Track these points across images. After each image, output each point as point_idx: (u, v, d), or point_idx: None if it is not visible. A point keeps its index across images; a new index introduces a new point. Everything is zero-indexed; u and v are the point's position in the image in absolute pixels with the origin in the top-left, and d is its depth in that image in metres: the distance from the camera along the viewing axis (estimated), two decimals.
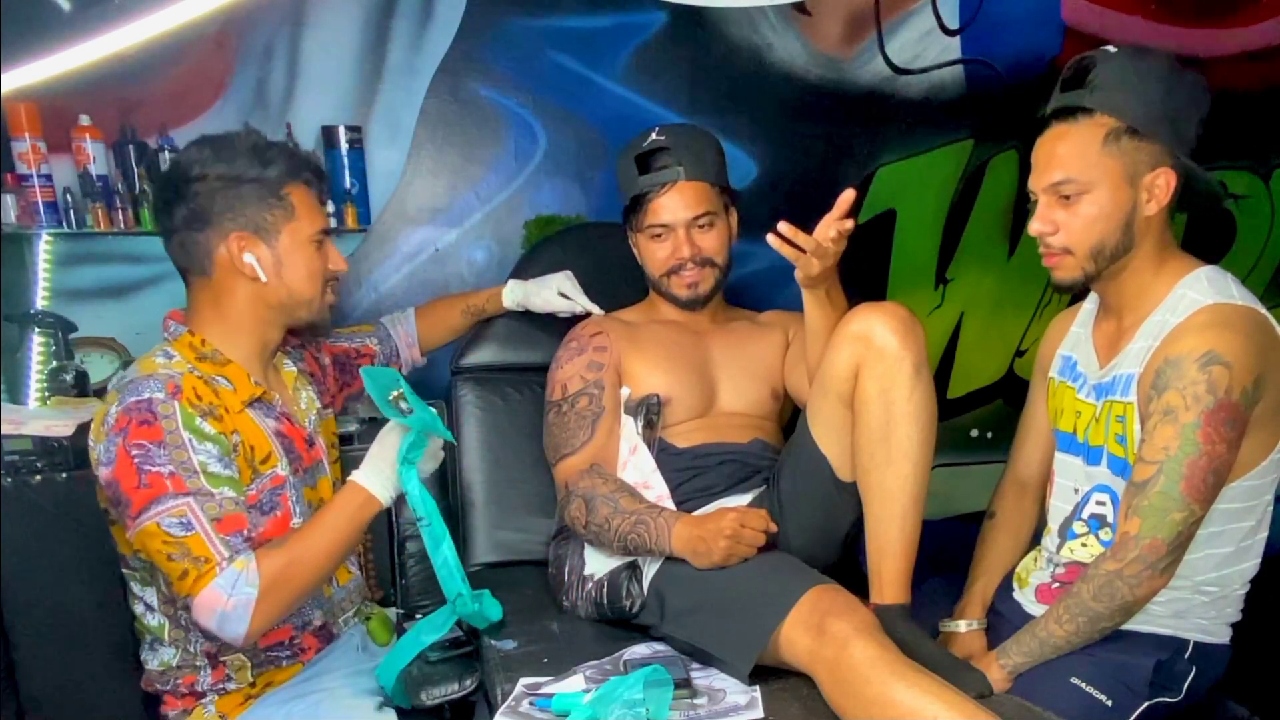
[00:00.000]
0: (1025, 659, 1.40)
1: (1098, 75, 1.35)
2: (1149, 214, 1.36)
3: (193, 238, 1.36)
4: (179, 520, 1.26)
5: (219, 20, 2.05)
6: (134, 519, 1.27)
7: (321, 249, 1.44)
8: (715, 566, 1.50)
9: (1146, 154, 1.34)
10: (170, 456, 1.27)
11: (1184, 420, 1.28)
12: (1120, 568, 1.31)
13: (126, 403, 1.28)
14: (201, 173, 1.34)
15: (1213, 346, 1.28)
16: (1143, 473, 1.32)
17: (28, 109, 1.90)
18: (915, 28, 2.57)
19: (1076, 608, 1.36)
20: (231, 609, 1.26)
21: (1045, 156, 1.39)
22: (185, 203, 1.35)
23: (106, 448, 1.28)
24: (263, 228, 1.37)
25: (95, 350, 2.07)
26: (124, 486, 1.27)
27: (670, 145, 1.75)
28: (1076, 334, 1.57)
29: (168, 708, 1.44)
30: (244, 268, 1.37)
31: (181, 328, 1.41)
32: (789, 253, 1.46)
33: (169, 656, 1.42)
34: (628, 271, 1.92)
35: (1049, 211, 1.39)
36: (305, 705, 1.41)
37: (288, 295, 1.41)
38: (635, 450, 1.72)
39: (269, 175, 1.36)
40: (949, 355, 2.82)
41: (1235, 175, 2.88)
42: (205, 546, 1.26)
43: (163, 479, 1.26)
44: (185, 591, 1.27)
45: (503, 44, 2.28)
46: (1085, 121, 1.35)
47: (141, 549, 1.31)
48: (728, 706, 1.38)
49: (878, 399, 1.48)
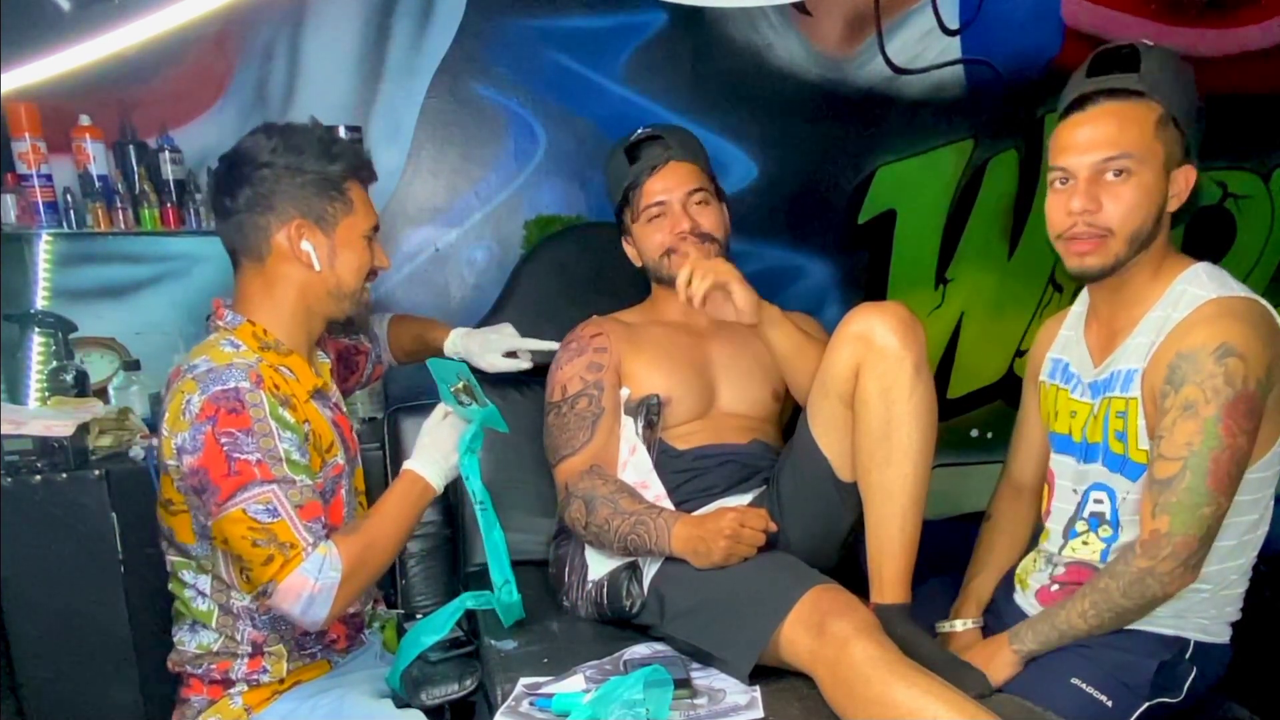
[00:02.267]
0: (1039, 647, 1.40)
1: (1145, 62, 1.35)
2: (1170, 209, 1.37)
3: (254, 221, 1.39)
4: (265, 507, 1.29)
5: (219, 20, 2.05)
6: (220, 505, 1.29)
7: (370, 246, 1.48)
8: (715, 566, 1.50)
9: (1179, 148, 1.36)
10: (258, 444, 1.30)
11: (1205, 414, 1.28)
12: (1153, 565, 1.31)
13: (211, 391, 1.30)
14: (270, 159, 1.37)
15: (1226, 338, 1.28)
16: (1166, 470, 1.31)
17: (28, 109, 1.91)
18: (915, 28, 2.57)
19: (1104, 603, 1.35)
20: (318, 592, 1.30)
21: (1094, 133, 1.36)
22: (250, 186, 1.37)
23: (192, 436, 1.29)
24: (322, 218, 1.41)
25: (95, 350, 2.08)
26: (212, 474, 1.29)
27: (659, 134, 1.81)
28: (1066, 337, 1.57)
29: (191, 691, 1.45)
30: (300, 254, 1.40)
31: (240, 317, 1.42)
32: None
33: (210, 640, 1.43)
34: (628, 271, 1.92)
35: (1093, 189, 1.35)
36: (330, 700, 1.43)
37: (336, 285, 1.45)
38: (635, 451, 1.72)
39: (333, 170, 1.41)
40: (949, 355, 2.82)
41: (1235, 175, 2.88)
42: (291, 532, 1.30)
43: (251, 466, 1.29)
44: (269, 577, 1.30)
45: (503, 44, 2.29)
46: (1138, 103, 1.35)
47: (221, 536, 1.32)
48: (728, 706, 1.38)
49: (878, 399, 1.48)
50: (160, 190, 2.01)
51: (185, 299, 2.17)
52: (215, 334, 1.41)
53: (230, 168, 1.41)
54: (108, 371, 2.07)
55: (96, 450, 1.80)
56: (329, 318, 1.50)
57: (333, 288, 1.45)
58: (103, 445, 1.81)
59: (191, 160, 2.07)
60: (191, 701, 1.45)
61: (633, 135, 1.82)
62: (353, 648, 1.57)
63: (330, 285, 1.44)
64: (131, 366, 2.03)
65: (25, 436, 1.70)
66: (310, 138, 1.40)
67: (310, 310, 1.46)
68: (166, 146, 2.02)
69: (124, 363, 2.07)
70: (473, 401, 1.48)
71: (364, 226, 1.46)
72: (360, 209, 1.45)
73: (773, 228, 2.58)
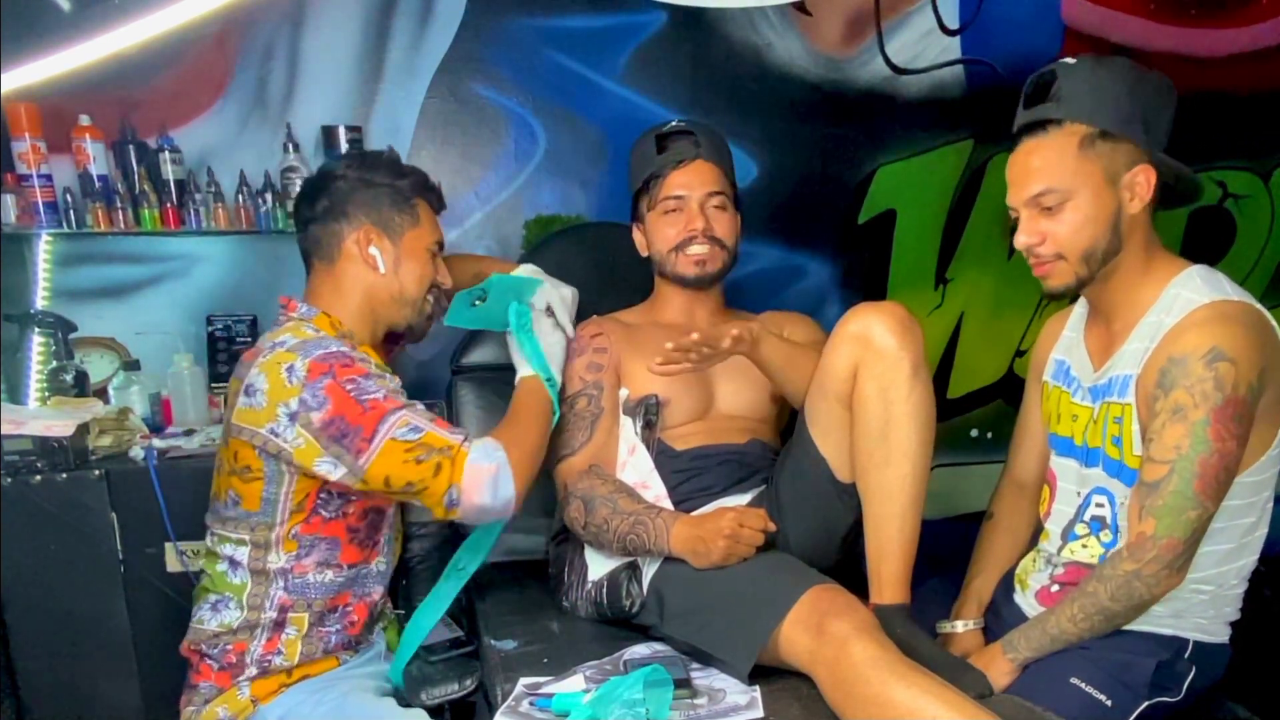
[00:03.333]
0: (1033, 654, 1.41)
1: (1061, 86, 1.36)
2: (1133, 212, 1.37)
3: (328, 228, 1.51)
4: (410, 427, 1.39)
5: (219, 20, 2.05)
6: (368, 441, 1.36)
7: (434, 260, 1.58)
8: (714, 566, 1.50)
9: (1123, 154, 1.36)
10: (378, 384, 1.40)
11: (1194, 418, 1.28)
12: (1138, 568, 1.32)
13: (315, 354, 1.38)
14: (345, 173, 1.52)
15: (1217, 343, 1.28)
16: (1154, 473, 1.32)
17: (28, 109, 1.90)
18: (915, 28, 2.57)
19: (1092, 607, 1.36)
20: (497, 471, 1.42)
21: (1021, 172, 1.40)
22: (327, 196, 1.51)
23: (313, 393, 1.35)
24: (390, 226, 1.53)
25: (95, 350, 2.08)
26: (350, 417, 1.36)
27: (692, 130, 1.81)
28: (1069, 338, 1.57)
29: (200, 678, 1.46)
30: (368, 258, 1.51)
31: (314, 309, 1.50)
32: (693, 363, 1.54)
33: (233, 619, 1.45)
34: (628, 272, 1.92)
35: (1033, 224, 1.39)
36: (334, 696, 1.45)
37: (399, 291, 1.54)
38: (634, 451, 1.72)
39: (401, 184, 1.54)
40: (949, 355, 2.82)
41: (1235, 175, 2.88)
42: (443, 438, 1.41)
43: (380, 401, 1.38)
44: (448, 482, 1.39)
45: (503, 44, 2.29)
46: (1056, 132, 1.37)
47: (380, 476, 1.38)
48: (728, 706, 1.38)
49: (876, 399, 1.48)
50: (160, 190, 2.01)
51: (185, 299, 2.17)
52: (290, 323, 1.48)
53: (310, 183, 1.57)
54: (108, 371, 2.07)
55: (96, 450, 1.80)
56: (391, 324, 1.58)
57: (396, 293, 1.54)
58: (103, 445, 1.81)
59: (191, 160, 2.07)
60: (200, 688, 1.46)
61: (665, 125, 1.82)
62: (363, 643, 1.58)
63: (394, 290, 1.54)
64: (131, 366, 2.04)
65: (25, 436, 1.70)
66: (382, 159, 1.56)
67: (375, 314, 1.55)
68: (166, 146, 2.02)
69: (124, 363, 2.07)
70: (484, 297, 1.65)
71: (429, 239, 1.57)
72: (426, 223, 1.57)
73: (772, 228, 2.57)
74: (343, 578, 1.50)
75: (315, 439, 1.36)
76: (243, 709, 1.43)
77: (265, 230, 2.09)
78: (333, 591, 1.49)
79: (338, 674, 1.51)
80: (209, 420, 2.03)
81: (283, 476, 1.41)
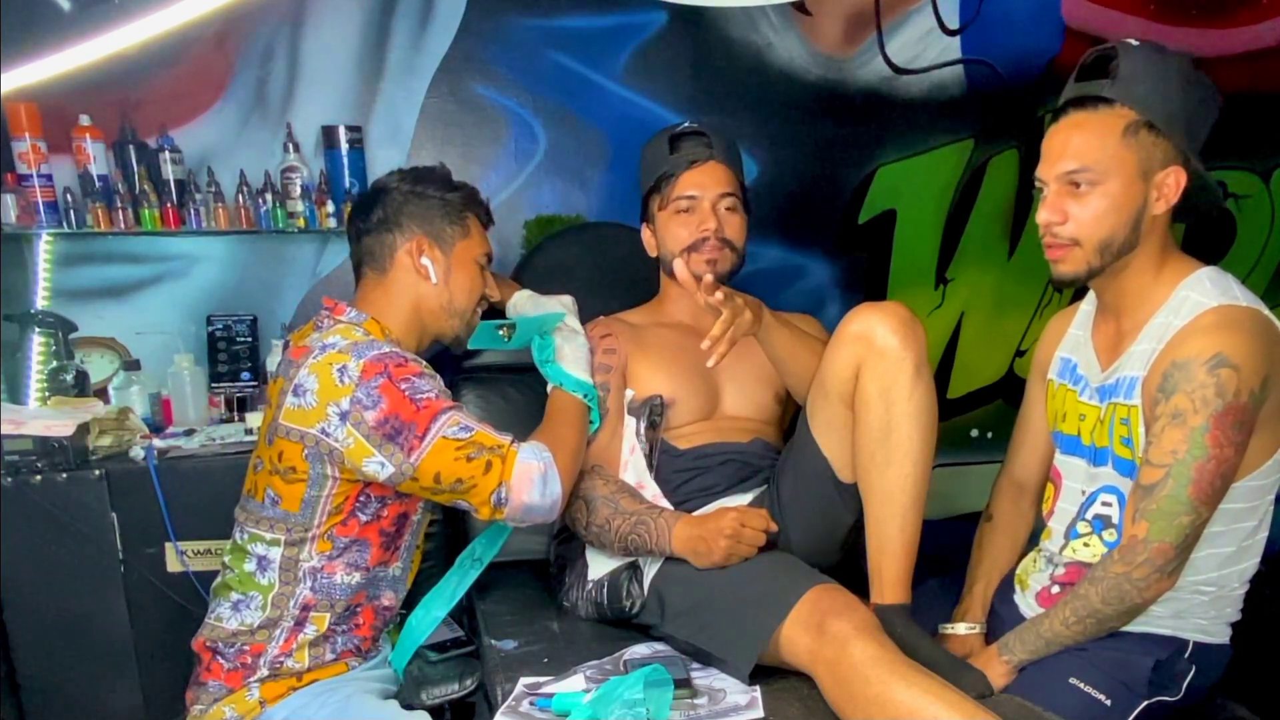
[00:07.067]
0: (1029, 656, 1.41)
1: (1120, 67, 1.33)
2: (1156, 212, 1.36)
3: (382, 239, 1.54)
4: (460, 426, 1.41)
5: (219, 20, 2.06)
6: (421, 439, 1.38)
7: (483, 273, 1.61)
8: (715, 566, 1.50)
9: (1161, 151, 1.34)
10: (431, 384, 1.43)
11: (1192, 424, 1.27)
12: (1128, 571, 1.31)
13: (368, 355, 1.40)
14: (397, 185, 1.56)
15: (1220, 349, 1.27)
16: (1150, 476, 1.31)
17: (28, 109, 1.90)
18: (915, 28, 2.57)
19: (1084, 609, 1.36)
20: (545, 469, 1.44)
21: (1060, 144, 1.37)
22: (381, 208, 1.54)
23: (367, 392, 1.37)
24: (441, 237, 1.56)
25: (95, 350, 2.08)
26: (404, 415, 1.38)
27: (705, 131, 1.81)
28: (1075, 336, 1.56)
29: (210, 675, 1.45)
30: (419, 268, 1.54)
31: (363, 314, 1.51)
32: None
33: (254, 619, 1.45)
34: (628, 272, 1.91)
35: (1059, 200, 1.37)
36: (338, 698, 1.45)
37: (449, 301, 1.57)
38: (634, 451, 1.72)
39: (452, 197, 1.57)
40: (949, 355, 2.82)
41: (1235, 175, 2.88)
42: (492, 436, 1.43)
43: (433, 399, 1.41)
44: (498, 480, 1.40)
45: (503, 44, 2.29)
46: (1105, 111, 1.34)
47: (431, 473, 1.39)
48: (728, 706, 1.38)
49: (878, 399, 1.48)
50: (160, 190, 2.01)
51: (185, 299, 2.17)
52: (339, 326, 1.48)
53: (365, 196, 1.60)
54: (108, 371, 2.07)
55: (96, 450, 1.80)
56: (438, 334, 1.60)
57: (445, 303, 1.56)
58: (103, 445, 1.81)
59: (191, 160, 2.07)
60: (208, 686, 1.45)
61: (678, 126, 1.83)
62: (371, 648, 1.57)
63: (444, 300, 1.56)
64: (131, 366, 2.04)
65: (25, 436, 1.70)
66: (435, 174, 1.59)
67: (424, 323, 1.57)
68: (166, 146, 2.02)
69: (124, 363, 2.07)
70: (513, 331, 1.73)
71: (478, 251, 1.60)
72: (476, 236, 1.60)
73: (773, 227, 2.57)
74: (365, 580, 1.50)
75: (366, 439, 1.37)
76: (250, 710, 1.43)
77: (265, 230, 2.09)
78: (352, 592, 1.50)
79: (345, 678, 1.51)
80: (209, 420, 2.03)
81: (326, 480, 1.41)
